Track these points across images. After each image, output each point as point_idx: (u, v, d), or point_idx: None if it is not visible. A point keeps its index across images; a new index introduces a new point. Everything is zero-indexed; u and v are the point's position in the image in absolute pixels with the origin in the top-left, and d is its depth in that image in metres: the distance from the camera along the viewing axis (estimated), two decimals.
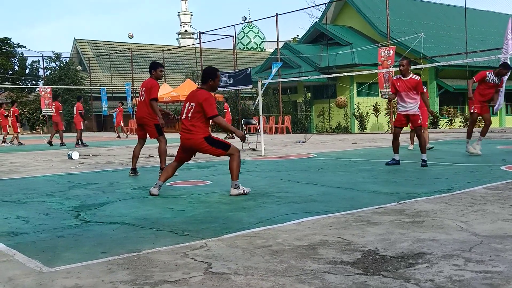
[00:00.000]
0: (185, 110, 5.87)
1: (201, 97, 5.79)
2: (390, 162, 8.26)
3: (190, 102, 5.88)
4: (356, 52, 26.10)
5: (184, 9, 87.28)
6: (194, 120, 5.80)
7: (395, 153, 8.29)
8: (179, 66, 47.32)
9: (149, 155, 12.19)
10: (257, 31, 66.32)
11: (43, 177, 8.38)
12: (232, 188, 5.77)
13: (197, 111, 5.77)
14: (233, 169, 5.76)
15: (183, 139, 5.91)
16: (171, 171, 6.08)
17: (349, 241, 3.52)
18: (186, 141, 5.86)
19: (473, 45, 21.95)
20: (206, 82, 5.94)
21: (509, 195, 5.09)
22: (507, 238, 3.45)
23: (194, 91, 6.03)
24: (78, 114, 17.66)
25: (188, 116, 5.82)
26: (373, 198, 5.26)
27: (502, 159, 8.49)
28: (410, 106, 8.08)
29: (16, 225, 4.48)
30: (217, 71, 6.01)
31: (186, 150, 6.00)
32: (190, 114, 5.81)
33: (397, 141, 8.32)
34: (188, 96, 6.02)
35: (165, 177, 6.04)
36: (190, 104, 5.85)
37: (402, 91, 8.08)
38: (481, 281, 2.62)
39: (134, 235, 3.94)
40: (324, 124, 26.84)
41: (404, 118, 8.16)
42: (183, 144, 5.96)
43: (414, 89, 8.00)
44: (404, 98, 8.10)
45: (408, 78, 8.06)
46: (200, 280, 2.80)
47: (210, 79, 5.90)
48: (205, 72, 6.02)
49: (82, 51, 45.18)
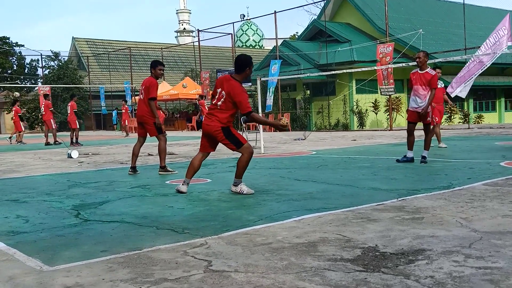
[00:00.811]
0: (217, 96, 5.72)
1: (236, 93, 5.58)
2: (401, 159, 8.05)
3: (222, 89, 5.68)
4: (355, 49, 26.07)
5: (183, 7, 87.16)
6: (221, 108, 5.67)
7: (409, 150, 8.03)
8: (178, 64, 47.30)
9: (148, 154, 12.19)
10: (256, 29, 66.29)
11: (42, 176, 8.38)
12: (232, 185, 5.77)
13: (228, 101, 5.64)
14: (239, 167, 5.69)
15: (204, 124, 5.80)
16: (197, 164, 5.92)
17: (349, 238, 3.52)
18: (206, 127, 5.76)
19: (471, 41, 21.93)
20: (243, 71, 5.73)
21: (509, 191, 5.09)
22: (506, 234, 3.46)
23: (227, 79, 5.77)
24: (72, 113, 17.63)
25: (217, 104, 5.70)
26: (372, 195, 5.26)
27: (502, 155, 8.49)
28: (420, 102, 7.83)
29: (16, 224, 4.48)
30: (251, 58, 5.86)
31: (207, 137, 5.86)
32: (220, 102, 5.68)
33: (411, 137, 8.03)
34: (220, 82, 5.77)
35: (192, 172, 5.91)
36: (221, 92, 5.68)
37: (415, 84, 7.86)
38: (481, 277, 2.62)
39: (134, 234, 3.94)
40: (324, 121, 26.84)
41: (416, 114, 7.93)
42: (203, 130, 5.85)
43: (427, 83, 7.73)
44: (415, 92, 7.87)
45: (424, 72, 7.80)
46: (201, 278, 2.80)
47: (247, 68, 5.72)
48: (241, 59, 5.76)
49: (80, 50, 45.14)
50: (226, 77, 5.81)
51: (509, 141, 11.69)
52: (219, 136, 5.70)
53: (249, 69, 5.75)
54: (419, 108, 7.87)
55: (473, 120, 24.41)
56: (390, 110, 22.25)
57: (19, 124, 20.53)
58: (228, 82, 5.70)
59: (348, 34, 28.80)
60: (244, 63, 5.72)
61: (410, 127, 8.09)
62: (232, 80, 5.70)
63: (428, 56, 8.00)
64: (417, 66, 7.91)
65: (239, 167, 5.69)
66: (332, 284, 2.61)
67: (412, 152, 8.04)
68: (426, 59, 7.84)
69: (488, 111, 28.98)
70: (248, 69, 5.74)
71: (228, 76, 5.84)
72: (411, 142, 8.05)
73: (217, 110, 5.70)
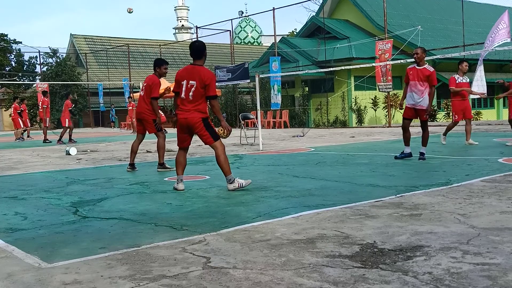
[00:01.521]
0: (184, 88, 5.67)
1: (206, 77, 5.63)
2: (399, 156, 8.00)
3: (189, 80, 5.67)
4: (353, 45, 26.06)
5: (181, 4, 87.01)
6: (196, 99, 5.66)
7: (406, 146, 8.02)
8: (176, 61, 47.18)
9: (147, 151, 12.18)
10: (254, 25, 66.16)
11: (41, 173, 8.37)
12: (228, 184, 5.68)
13: (199, 90, 5.63)
14: (222, 165, 5.65)
15: (182, 118, 5.73)
16: (183, 159, 5.91)
17: (347, 235, 3.53)
18: (184, 120, 5.71)
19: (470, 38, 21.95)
20: (202, 57, 5.77)
21: (507, 188, 5.10)
22: (504, 230, 3.46)
23: (191, 68, 5.76)
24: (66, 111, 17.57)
25: (189, 95, 5.66)
26: (371, 191, 5.26)
27: (500, 152, 8.50)
28: (417, 98, 7.78)
29: (14, 221, 4.48)
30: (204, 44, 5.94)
31: (184, 130, 5.81)
32: (191, 93, 5.65)
33: (407, 133, 8.01)
34: (184, 74, 5.75)
35: (181, 169, 5.89)
36: (189, 83, 5.66)
37: (412, 79, 7.81)
38: (478, 273, 2.63)
39: (132, 231, 3.94)
40: (322, 118, 26.84)
41: (412, 110, 7.90)
42: (181, 124, 5.78)
43: (426, 80, 7.68)
44: (412, 88, 7.82)
45: (422, 68, 7.75)
46: (199, 275, 2.80)
47: (204, 52, 5.79)
48: (197, 45, 5.82)
49: (78, 47, 45.01)
50: (188, 67, 5.81)
51: (507, 137, 11.70)
52: (199, 126, 5.66)
53: (205, 56, 5.81)
54: (416, 104, 7.84)
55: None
56: (389, 107, 22.26)
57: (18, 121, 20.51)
58: (194, 71, 5.70)
59: (346, 31, 28.79)
60: (201, 48, 5.79)
61: (405, 123, 8.08)
62: (198, 67, 5.73)
63: (425, 52, 7.96)
64: (415, 62, 7.87)
65: (222, 163, 5.64)
66: (330, 281, 2.61)
67: (409, 148, 8.01)
68: (423, 55, 7.81)
69: (486, 108, 29.01)
70: (205, 56, 5.80)
71: (189, 66, 5.84)
72: (407, 138, 8.02)
73: (191, 101, 5.65)
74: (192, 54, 5.80)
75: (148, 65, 45.45)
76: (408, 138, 8.04)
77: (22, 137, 20.47)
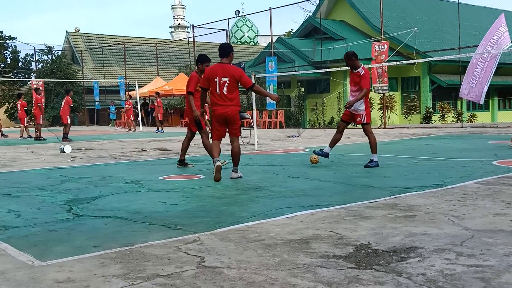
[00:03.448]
0: (218, 85, 6.38)
1: (236, 72, 6.44)
2: (317, 152, 7.86)
3: (221, 77, 6.37)
4: (350, 46, 26.09)
5: (177, 3, 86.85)
6: (231, 93, 6.42)
7: (329, 146, 7.87)
8: (172, 59, 47.14)
9: (141, 149, 12.16)
10: (251, 25, 66.12)
11: (35, 170, 8.34)
12: (232, 172, 6.55)
13: (232, 85, 6.39)
14: (238, 156, 6.54)
15: (220, 113, 6.44)
16: (217, 147, 6.63)
17: (342, 235, 3.53)
18: (223, 115, 6.44)
19: (466, 40, 21.99)
20: (229, 55, 6.54)
21: (501, 190, 5.12)
22: (498, 233, 3.48)
23: (220, 66, 6.46)
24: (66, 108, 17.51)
25: (223, 91, 6.38)
26: (365, 192, 5.27)
27: (494, 154, 8.54)
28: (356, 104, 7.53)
29: (7, 219, 4.46)
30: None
31: (221, 123, 6.55)
32: (225, 89, 6.37)
33: (337, 135, 7.81)
34: (214, 72, 6.43)
35: (218, 153, 6.59)
36: (221, 79, 6.37)
37: (350, 84, 7.77)
38: (472, 275, 2.64)
39: (126, 229, 3.93)
40: (318, 118, 26.87)
41: (349, 113, 7.71)
42: (218, 118, 6.50)
43: (358, 82, 7.46)
44: (350, 92, 7.73)
45: (356, 71, 7.56)
46: (193, 274, 2.80)
47: (231, 52, 6.56)
48: (225, 46, 6.61)
49: (74, 44, 44.88)
50: (217, 66, 6.49)
51: (501, 140, 11.76)
52: (237, 118, 6.55)
53: (233, 53, 6.61)
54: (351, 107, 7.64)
55: (466, 119, 24.51)
56: (384, 108, 22.32)
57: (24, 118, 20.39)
58: (224, 68, 6.42)
59: (343, 32, 28.82)
60: (229, 49, 6.59)
61: (340, 125, 8.00)
62: (227, 65, 6.48)
63: (352, 56, 7.59)
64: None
65: (238, 154, 6.54)
66: (324, 281, 2.62)
67: (329, 149, 7.86)
68: (350, 61, 7.58)
69: (481, 110, 29.10)
70: (232, 53, 6.60)
71: (218, 64, 6.51)
72: (335, 140, 7.83)
73: (229, 96, 6.40)
74: (221, 53, 6.54)
75: (144, 63, 45.43)
76: (335, 140, 7.84)
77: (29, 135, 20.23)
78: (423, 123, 25.00)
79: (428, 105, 26.46)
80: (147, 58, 45.70)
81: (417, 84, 27.23)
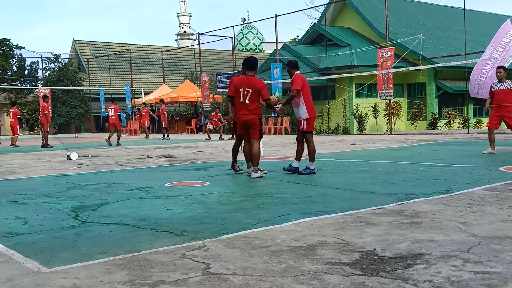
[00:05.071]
0: (242, 95, 7.27)
1: (259, 84, 7.33)
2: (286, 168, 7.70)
3: (245, 87, 7.26)
4: (355, 53, 26.12)
5: (183, 10, 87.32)
6: (252, 102, 7.30)
7: (296, 159, 7.64)
8: (178, 67, 47.31)
9: (147, 156, 12.19)
10: (256, 32, 66.35)
11: (41, 177, 8.38)
12: (252, 172, 7.22)
13: (254, 95, 7.26)
14: (256, 156, 7.32)
15: (244, 120, 7.35)
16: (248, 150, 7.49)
17: (348, 242, 3.52)
18: (245, 121, 7.36)
19: (472, 47, 21.97)
20: (254, 68, 7.44)
21: (508, 196, 5.09)
22: (505, 239, 3.45)
23: (245, 77, 7.35)
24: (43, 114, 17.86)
25: (246, 100, 7.28)
26: (371, 199, 5.26)
27: (501, 160, 8.49)
28: (295, 109, 7.61)
29: (14, 226, 4.47)
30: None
31: (243, 129, 7.46)
32: (248, 98, 7.27)
33: (298, 145, 7.66)
34: (240, 82, 7.33)
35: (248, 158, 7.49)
36: (245, 90, 7.25)
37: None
38: (479, 281, 2.62)
39: (132, 236, 3.94)
40: (323, 125, 26.85)
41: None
42: (243, 123, 7.39)
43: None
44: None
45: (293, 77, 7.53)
46: (199, 281, 2.80)
47: (256, 65, 7.46)
48: (251, 60, 7.42)
49: (81, 52, 45.15)
50: (243, 78, 7.39)
51: (508, 146, 11.70)
52: (257, 125, 7.38)
53: (257, 66, 7.52)
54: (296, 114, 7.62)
55: (472, 125, 24.42)
56: (390, 114, 22.27)
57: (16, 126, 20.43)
58: (248, 80, 7.33)
59: (348, 38, 28.85)
60: (255, 63, 7.47)
61: (297, 135, 7.76)
62: (252, 77, 7.37)
63: (289, 65, 7.68)
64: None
65: (257, 155, 7.35)
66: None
67: (298, 163, 7.59)
68: (288, 71, 7.68)
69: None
70: (257, 65, 7.51)
71: (244, 76, 7.40)
72: (297, 151, 7.63)
73: (251, 105, 7.28)
74: (247, 67, 7.41)
75: (150, 71, 45.63)
76: (298, 151, 7.63)
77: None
78: (429, 129, 24.92)
79: (434, 111, 26.38)
80: (153, 65, 45.90)
81: (423, 90, 27.18)
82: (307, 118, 7.51)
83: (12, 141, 20.13)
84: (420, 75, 24.76)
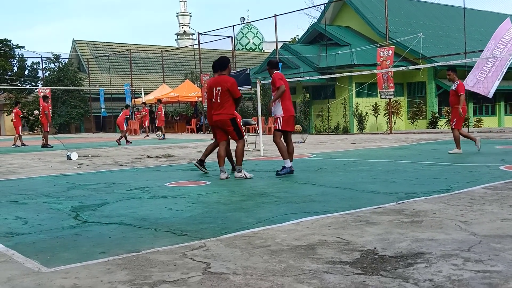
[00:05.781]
0: (214, 94, 7.18)
1: (228, 82, 7.14)
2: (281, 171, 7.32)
3: (216, 87, 7.15)
4: (355, 52, 26.10)
5: (183, 10, 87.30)
6: (223, 102, 7.14)
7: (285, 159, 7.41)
8: (178, 67, 47.30)
9: (147, 156, 12.19)
10: (256, 32, 66.34)
11: (42, 177, 8.38)
12: (236, 172, 7.16)
13: (224, 94, 7.11)
14: (238, 156, 7.16)
15: (214, 120, 7.25)
16: (223, 153, 7.33)
17: (348, 241, 3.52)
18: (216, 122, 7.26)
19: (472, 45, 21.96)
20: (226, 67, 7.30)
21: (508, 195, 5.09)
22: (506, 238, 3.45)
23: (217, 77, 7.26)
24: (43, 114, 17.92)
25: (217, 100, 7.16)
26: (372, 198, 5.25)
27: (501, 159, 8.49)
28: (273, 108, 7.43)
29: (15, 226, 4.47)
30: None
31: (217, 128, 7.35)
32: (219, 98, 7.14)
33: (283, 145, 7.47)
34: (213, 82, 7.26)
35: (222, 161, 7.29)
36: (216, 89, 7.15)
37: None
38: (480, 280, 2.62)
39: (132, 236, 3.94)
40: (323, 124, 26.84)
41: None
42: (214, 124, 7.31)
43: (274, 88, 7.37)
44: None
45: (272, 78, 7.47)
46: (199, 280, 2.80)
47: (228, 64, 7.31)
48: (222, 60, 7.34)
49: (81, 52, 45.14)
50: (216, 78, 7.31)
51: (508, 145, 11.70)
52: (228, 125, 7.19)
53: (229, 65, 7.36)
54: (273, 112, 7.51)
55: (472, 124, 24.41)
56: (390, 113, 22.26)
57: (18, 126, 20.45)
58: (219, 79, 7.21)
59: (348, 38, 28.84)
60: (226, 62, 7.34)
61: (274, 137, 7.57)
62: (222, 76, 7.24)
63: (268, 64, 7.68)
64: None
65: (239, 154, 7.16)
66: (330, 287, 2.60)
67: (289, 162, 7.40)
68: (268, 70, 7.66)
69: (487, 115, 28.99)
70: (229, 65, 7.35)
71: (217, 76, 7.30)
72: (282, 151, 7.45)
73: (221, 104, 7.13)
74: (219, 66, 7.31)
75: (149, 70, 45.61)
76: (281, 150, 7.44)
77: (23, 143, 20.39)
78: (429, 128, 24.91)
79: (434, 110, 26.36)
80: (153, 65, 45.88)
81: (423, 89, 27.17)
82: (283, 117, 7.37)
83: (14, 141, 20.17)
84: (420, 74, 24.75)
